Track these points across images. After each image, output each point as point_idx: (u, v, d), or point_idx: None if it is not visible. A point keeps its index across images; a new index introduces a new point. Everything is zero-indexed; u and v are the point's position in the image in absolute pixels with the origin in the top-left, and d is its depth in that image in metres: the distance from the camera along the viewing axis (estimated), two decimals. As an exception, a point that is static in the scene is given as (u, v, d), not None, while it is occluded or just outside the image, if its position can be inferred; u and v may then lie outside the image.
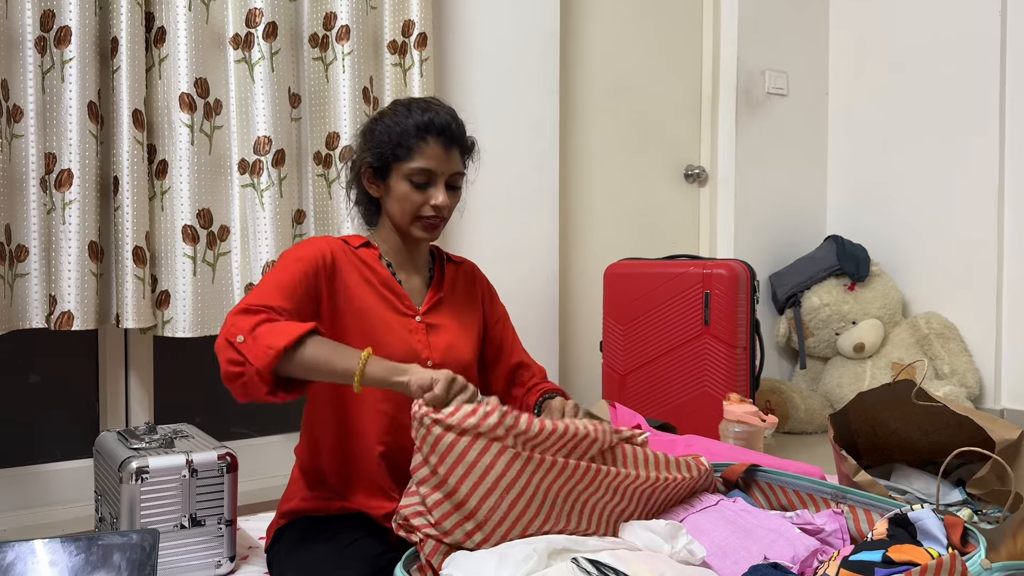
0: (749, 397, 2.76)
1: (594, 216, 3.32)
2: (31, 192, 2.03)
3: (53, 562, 1.39)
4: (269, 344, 1.38)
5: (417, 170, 1.59)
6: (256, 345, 1.38)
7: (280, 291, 1.49)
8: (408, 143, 1.59)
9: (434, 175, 1.60)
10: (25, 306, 2.03)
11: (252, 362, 1.38)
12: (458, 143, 1.63)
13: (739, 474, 1.72)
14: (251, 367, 1.38)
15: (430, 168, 1.59)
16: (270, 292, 1.48)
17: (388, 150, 1.60)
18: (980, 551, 1.29)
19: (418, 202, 1.60)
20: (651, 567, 1.26)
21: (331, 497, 1.64)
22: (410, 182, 1.60)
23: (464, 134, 1.65)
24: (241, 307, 1.44)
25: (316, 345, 1.41)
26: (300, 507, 1.65)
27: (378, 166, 1.63)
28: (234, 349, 1.39)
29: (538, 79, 2.99)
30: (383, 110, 1.69)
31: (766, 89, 3.62)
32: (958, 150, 3.43)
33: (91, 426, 2.33)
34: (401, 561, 1.34)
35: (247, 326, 1.40)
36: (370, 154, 1.63)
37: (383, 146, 1.61)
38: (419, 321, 1.65)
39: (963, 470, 2.09)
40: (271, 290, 1.48)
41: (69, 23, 2.03)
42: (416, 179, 1.59)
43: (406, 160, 1.59)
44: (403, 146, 1.59)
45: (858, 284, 3.48)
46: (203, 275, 2.23)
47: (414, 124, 1.59)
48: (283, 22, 2.32)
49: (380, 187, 1.65)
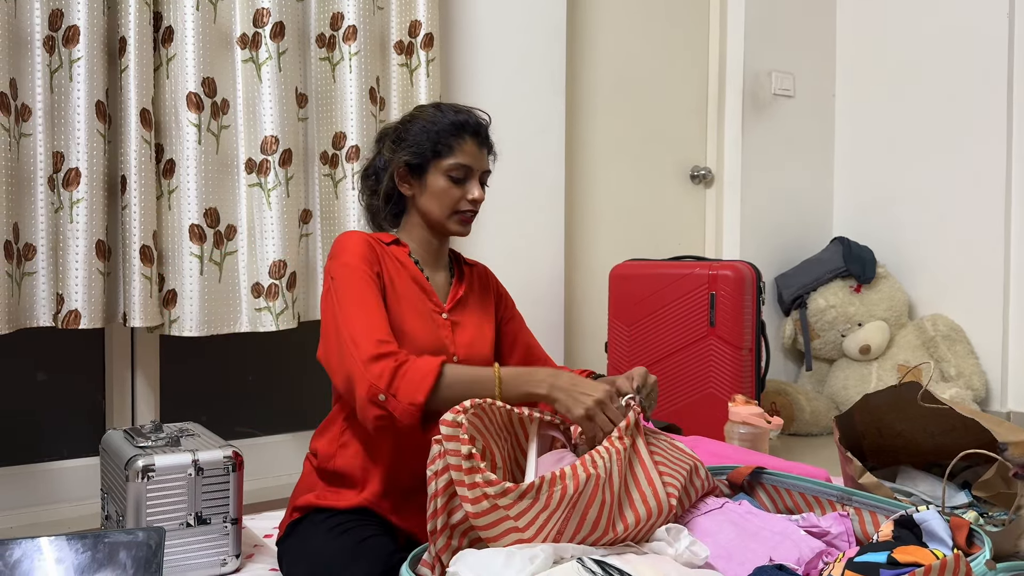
0: (754, 399, 2.75)
1: (600, 217, 3.32)
2: (39, 191, 2.03)
3: (59, 559, 1.40)
4: (411, 401, 1.45)
5: (456, 166, 1.67)
6: (399, 403, 1.45)
7: (374, 317, 1.54)
8: (448, 141, 1.67)
9: (471, 171, 1.69)
10: (32, 304, 2.04)
11: (400, 418, 1.46)
12: (487, 143, 1.73)
13: (745, 476, 1.72)
14: (400, 422, 1.47)
15: (468, 164, 1.68)
16: (371, 323, 1.53)
17: (428, 148, 1.67)
18: (985, 552, 1.29)
19: (457, 196, 1.68)
20: (656, 568, 1.26)
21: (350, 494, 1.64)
22: (449, 178, 1.67)
23: (490, 135, 1.75)
24: (365, 355, 1.48)
25: (450, 381, 1.48)
26: (315, 502, 1.65)
27: (416, 163, 1.69)
28: (379, 407, 1.47)
29: (544, 80, 2.99)
30: (413, 113, 1.75)
31: (772, 90, 3.62)
32: (965, 152, 3.43)
33: (97, 424, 2.34)
34: (407, 561, 1.34)
35: (383, 383, 1.46)
36: (407, 153, 1.69)
37: (421, 145, 1.68)
38: (445, 318, 1.71)
39: (969, 472, 2.08)
40: (368, 319, 1.53)
41: (77, 22, 2.03)
42: (455, 174, 1.67)
43: (446, 157, 1.67)
44: (443, 143, 1.67)
45: (864, 286, 3.47)
46: (210, 274, 2.24)
47: (451, 123, 1.68)
48: (290, 22, 2.32)
49: (415, 185, 1.71)
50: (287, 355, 2.63)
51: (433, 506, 1.32)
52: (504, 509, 1.24)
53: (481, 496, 1.24)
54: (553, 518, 1.26)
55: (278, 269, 2.30)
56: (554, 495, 1.26)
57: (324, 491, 1.66)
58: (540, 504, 1.25)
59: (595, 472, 1.29)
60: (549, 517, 1.26)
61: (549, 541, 1.26)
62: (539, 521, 1.25)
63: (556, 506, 1.26)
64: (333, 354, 1.54)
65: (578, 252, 3.23)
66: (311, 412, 2.62)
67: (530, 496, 1.25)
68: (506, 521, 1.25)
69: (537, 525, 1.25)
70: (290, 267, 2.32)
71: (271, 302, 2.29)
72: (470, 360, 1.69)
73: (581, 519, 1.28)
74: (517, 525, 1.25)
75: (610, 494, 1.32)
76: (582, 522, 1.28)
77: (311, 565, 1.56)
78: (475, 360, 1.69)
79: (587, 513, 1.28)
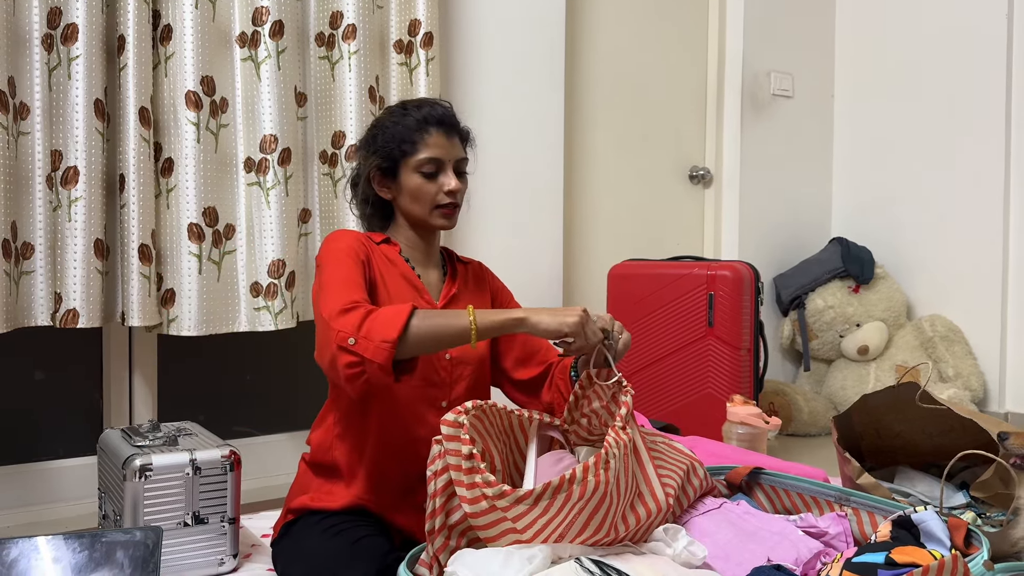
0: (753, 399, 2.76)
1: (598, 216, 3.32)
2: (37, 189, 2.03)
3: (56, 559, 1.39)
4: (383, 338, 1.41)
5: (425, 160, 1.66)
6: (370, 343, 1.41)
7: (351, 285, 1.53)
8: (412, 137, 1.66)
9: (442, 163, 1.68)
10: (30, 303, 2.03)
11: (372, 359, 1.41)
12: (457, 131, 1.72)
13: (743, 477, 1.72)
14: (372, 364, 1.41)
15: (437, 156, 1.67)
16: (346, 288, 1.51)
17: (394, 148, 1.67)
18: (983, 553, 1.29)
19: (432, 191, 1.67)
20: (654, 568, 1.26)
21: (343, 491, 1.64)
22: (421, 174, 1.67)
23: (459, 123, 1.73)
24: (335, 310, 1.46)
25: (423, 322, 1.45)
26: (309, 504, 1.65)
27: (387, 166, 1.68)
28: (349, 353, 1.42)
29: (544, 79, 2.99)
30: (379, 117, 1.76)
31: (771, 91, 3.62)
32: (964, 153, 3.43)
33: (95, 423, 2.34)
34: (404, 561, 1.34)
35: (351, 327, 1.43)
36: (376, 157, 1.69)
37: (388, 146, 1.67)
38: None
39: (967, 473, 2.08)
40: (344, 287, 1.52)
41: (76, 20, 2.03)
42: (426, 169, 1.67)
43: (413, 154, 1.66)
44: (407, 141, 1.66)
45: (863, 286, 3.48)
46: (208, 273, 2.24)
47: (414, 120, 1.67)
48: (289, 21, 2.32)
49: (391, 187, 1.71)
50: (285, 355, 2.63)
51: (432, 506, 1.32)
52: (502, 511, 1.24)
53: (480, 496, 1.24)
54: (553, 523, 1.26)
55: (277, 268, 2.29)
56: (556, 502, 1.25)
57: (318, 492, 1.66)
58: (538, 510, 1.25)
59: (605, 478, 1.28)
60: (548, 522, 1.25)
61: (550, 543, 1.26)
62: (537, 525, 1.25)
63: (557, 512, 1.25)
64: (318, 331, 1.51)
65: (577, 252, 3.23)
66: (309, 412, 2.61)
67: (527, 502, 1.24)
68: (503, 523, 1.25)
69: (535, 529, 1.25)
70: (289, 266, 2.31)
71: (270, 301, 2.29)
72: (465, 358, 1.68)
73: (585, 523, 1.28)
74: (515, 527, 1.25)
75: (616, 498, 1.31)
76: (585, 526, 1.28)
77: (306, 566, 1.55)
78: (470, 358, 1.69)
79: (592, 518, 1.28)
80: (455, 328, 1.46)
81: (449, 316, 1.48)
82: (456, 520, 1.31)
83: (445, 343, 1.48)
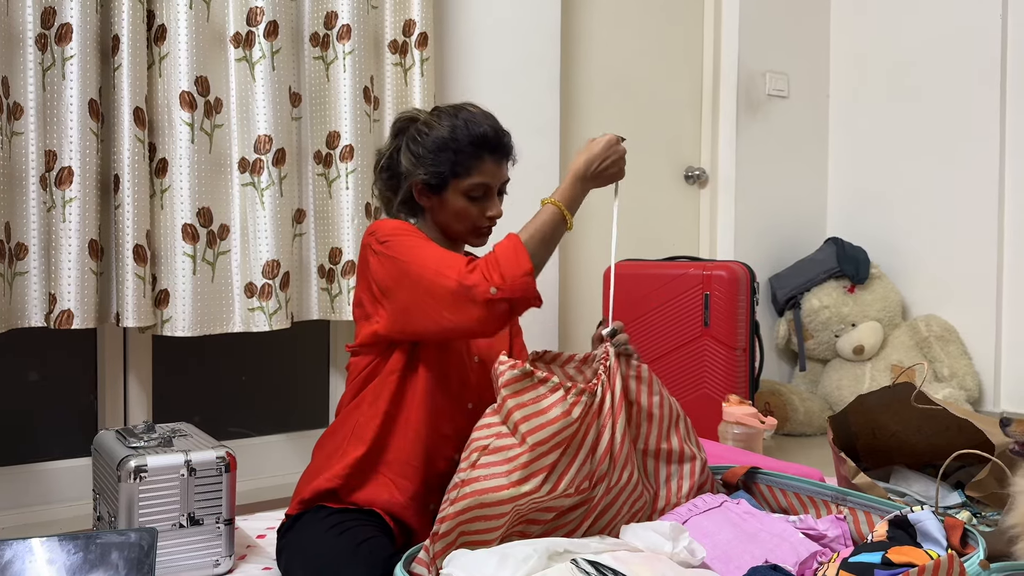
0: (748, 399, 2.76)
1: (594, 217, 3.32)
2: (31, 190, 2.02)
3: (51, 560, 1.39)
4: (521, 272, 1.49)
5: (475, 186, 1.68)
6: (513, 281, 1.48)
7: (446, 252, 1.56)
8: (466, 162, 1.66)
9: (490, 188, 1.70)
10: (24, 304, 2.03)
11: (522, 296, 1.49)
12: (507, 154, 1.73)
13: (739, 477, 1.72)
14: (523, 301, 1.50)
15: (487, 182, 1.69)
16: (447, 255, 1.54)
17: (446, 168, 1.66)
18: (979, 552, 1.29)
19: (475, 214, 1.70)
20: (651, 568, 1.26)
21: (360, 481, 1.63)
22: (468, 197, 1.68)
23: (511, 144, 1.75)
24: (458, 274, 1.49)
25: (531, 238, 1.54)
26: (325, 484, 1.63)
27: (435, 183, 1.68)
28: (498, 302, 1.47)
29: (539, 80, 2.99)
30: (429, 119, 1.72)
31: (767, 91, 3.63)
32: (959, 153, 3.43)
33: (90, 425, 2.33)
34: (401, 561, 1.34)
35: (487, 280, 1.48)
36: (424, 171, 1.67)
37: (439, 164, 1.66)
38: None
39: (962, 473, 2.09)
40: (444, 255, 1.54)
41: (70, 20, 2.02)
42: (474, 194, 1.68)
43: (464, 177, 1.67)
44: (461, 164, 1.66)
45: (858, 286, 3.48)
46: (203, 274, 2.23)
47: (469, 141, 1.66)
48: (284, 21, 2.32)
49: (432, 199, 1.70)
50: (280, 355, 2.62)
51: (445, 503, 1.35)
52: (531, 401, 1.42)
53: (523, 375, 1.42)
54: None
55: (271, 269, 2.29)
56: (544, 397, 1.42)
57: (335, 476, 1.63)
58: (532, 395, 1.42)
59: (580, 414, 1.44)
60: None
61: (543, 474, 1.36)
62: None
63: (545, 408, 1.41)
64: (414, 303, 1.52)
65: (572, 252, 3.23)
66: (304, 413, 2.62)
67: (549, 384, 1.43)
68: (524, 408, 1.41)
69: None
70: (283, 267, 2.31)
71: (264, 302, 2.29)
72: (489, 358, 1.71)
73: (570, 463, 1.41)
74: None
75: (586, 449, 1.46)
76: (571, 464, 1.41)
77: (308, 563, 1.55)
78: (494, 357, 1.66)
79: (576, 457, 1.42)
80: (551, 223, 1.57)
81: (539, 218, 1.57)
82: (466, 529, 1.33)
83: (555, 241, 1.59)
